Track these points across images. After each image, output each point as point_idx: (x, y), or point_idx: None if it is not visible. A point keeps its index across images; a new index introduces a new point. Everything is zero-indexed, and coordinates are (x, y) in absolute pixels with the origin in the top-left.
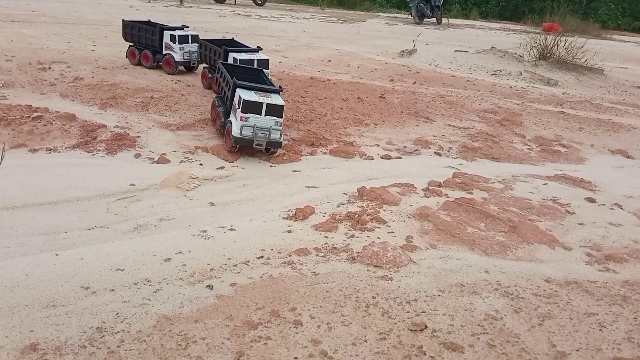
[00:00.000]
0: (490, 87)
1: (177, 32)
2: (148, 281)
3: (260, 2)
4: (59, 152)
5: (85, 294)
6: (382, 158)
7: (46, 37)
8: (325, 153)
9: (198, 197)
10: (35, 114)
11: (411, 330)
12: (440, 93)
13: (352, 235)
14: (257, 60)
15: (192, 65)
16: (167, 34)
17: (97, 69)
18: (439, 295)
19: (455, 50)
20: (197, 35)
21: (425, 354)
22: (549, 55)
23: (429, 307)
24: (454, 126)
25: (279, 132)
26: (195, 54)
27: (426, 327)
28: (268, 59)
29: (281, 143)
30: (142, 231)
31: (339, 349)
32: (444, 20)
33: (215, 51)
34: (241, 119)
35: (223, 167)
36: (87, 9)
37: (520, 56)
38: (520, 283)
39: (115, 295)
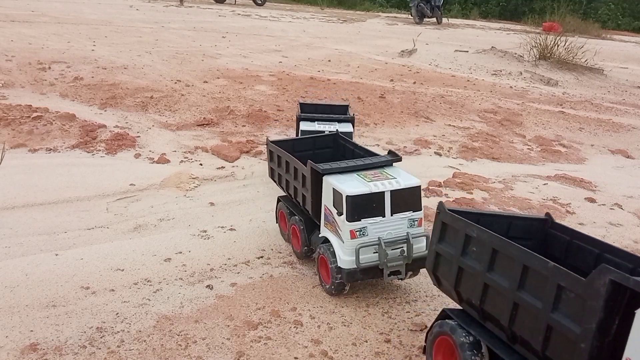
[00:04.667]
0: (490, 87)
1: (306, 126)
2: (148, 281)
3: (260, 2)
4: (59, 152)
5: (85, 294)
6: None
7: (46, 37)
8: None
9: (198, 197)
10: (35, 114)
11: (411, 330)
12: (440, 93)
13: None
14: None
15: None
16: (302, 126)
17: (97, 69)
18: (439, 295)
19: (455, 50)
20: (350, 133)
21: (425, 354)
22: (549, 55)
23: (428, 307)
24: (454, 126)
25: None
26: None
27: (426, 327)
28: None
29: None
30: (142, 231)
31: (339, 349)
32: (444, 20)
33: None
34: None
35: (223, 167)
36: (87, 9)
37: (521, 56)
38: None
39: (115, 295)
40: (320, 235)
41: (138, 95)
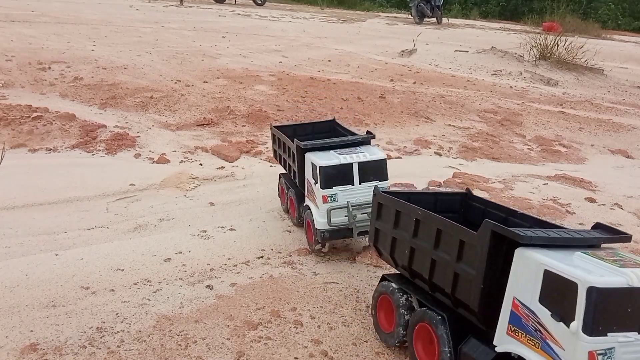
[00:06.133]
0: (491, 87)
1: (321, 161)
2: (148, 281)
3: (260, 2)
4: (59, 152)
5: (85, 294)
6: None
7: (46, 37)
8: None
9: (198, 197)
10: (35, 114)
11: None
12: (440, 93)
13: None
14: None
15: (351, 233)
16: (308, 158)
17: (97, 69)
18: None
19: (455, 50)
20: (384, 160)
21: None
22: (549, 55)
23: None
24: (454, 126)
25: None
26: (368, 218)
27: None
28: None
29: None
30: (142, 231)
31: (340, 349)
32: (444, 20)
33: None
34: None
35: (223, 167)
36: (87, 9)
37: (521, 56)
38: None
39: (115, 295)
40: None
41: (138, 95)
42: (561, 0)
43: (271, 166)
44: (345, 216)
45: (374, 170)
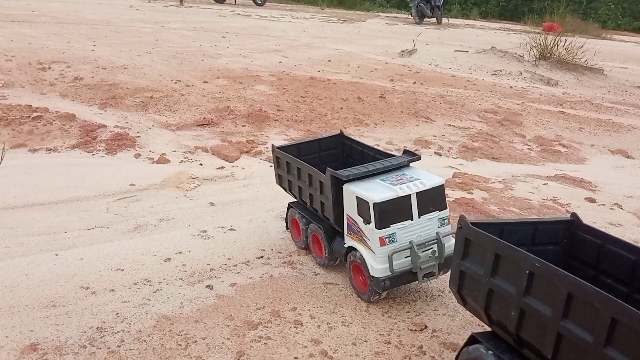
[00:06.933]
0: (490, 87)
1: (374, 195)
2: (148, 281)
3: (260, 2)
4: (59, 152)
5: (85, 294)
6: None
7: (46, 37)
8: None
9: (198, 197)
10: (35, 114)
11: (411, 330)
12: (440, 93)
13: None
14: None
15: (415, 277)
16: (350, 191)
17: (97, 69)
18: (439, 296)
19: (455, 50)
20: (442, 186)
21: (425, 354)
22: (549, 55)
23: (429, 307)
24: (454, 126)
25: None
26: (432, 257)
27: (426, 327)
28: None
29: None
30: (142, 231)
31: (339, 349)
32: (444, 20)
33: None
34: None
35: (223, 167)
36: (87, 9)
37: (521, 56)
38: None
39: (115, 295)
40: None
41: (138, 95)
42: (561, 0)
43: (271, 166)
44: (406, 257)
45: (432, 200)
